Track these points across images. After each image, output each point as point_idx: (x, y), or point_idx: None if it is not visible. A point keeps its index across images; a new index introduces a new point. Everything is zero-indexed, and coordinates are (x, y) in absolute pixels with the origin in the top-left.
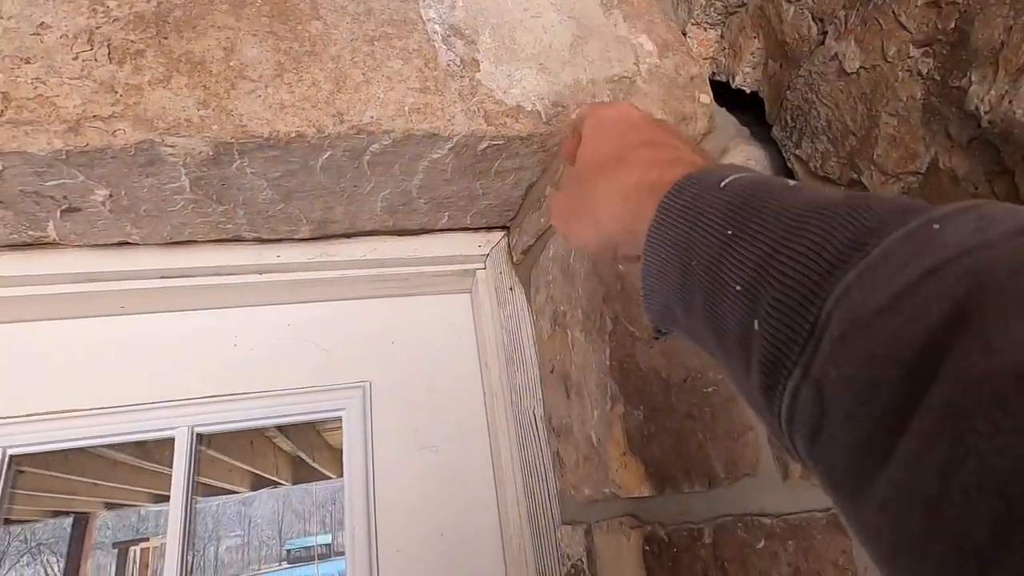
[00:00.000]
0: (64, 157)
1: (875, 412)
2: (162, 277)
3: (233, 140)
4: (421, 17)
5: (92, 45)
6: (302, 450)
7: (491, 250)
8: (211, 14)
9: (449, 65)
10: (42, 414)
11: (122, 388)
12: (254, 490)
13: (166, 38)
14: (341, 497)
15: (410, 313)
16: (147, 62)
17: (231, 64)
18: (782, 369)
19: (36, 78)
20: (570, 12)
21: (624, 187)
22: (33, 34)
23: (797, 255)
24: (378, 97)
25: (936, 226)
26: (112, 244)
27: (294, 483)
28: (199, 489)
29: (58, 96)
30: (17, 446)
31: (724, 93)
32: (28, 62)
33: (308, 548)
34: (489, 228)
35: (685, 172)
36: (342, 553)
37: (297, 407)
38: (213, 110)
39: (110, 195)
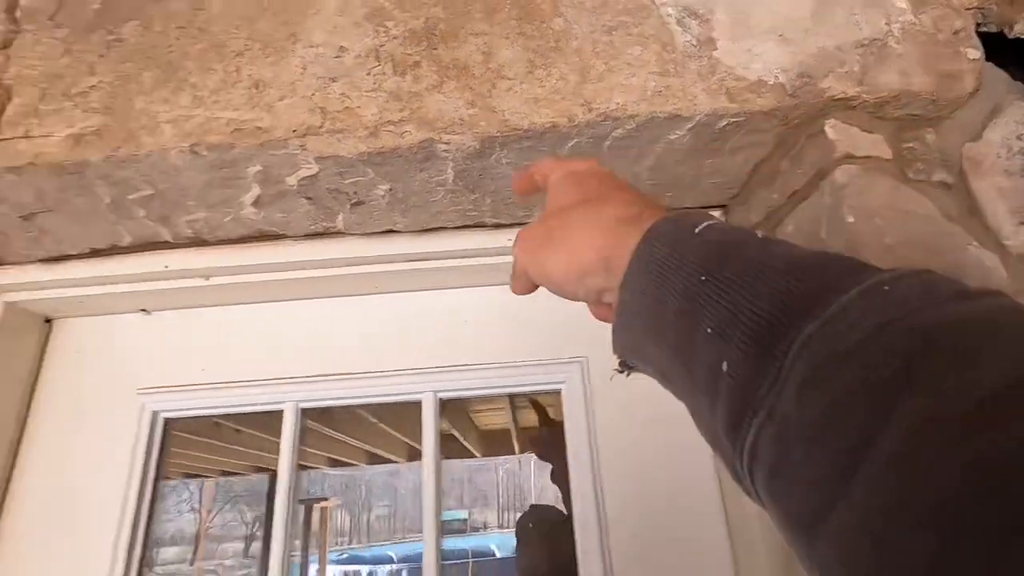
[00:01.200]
0: (365, 158)
1: (830, 454)
2: (416, 260)
3: (498, 134)
4: (654, 2)
5: (379, 61)
6: (456, 429)
7: None
8: (469, 23)
9: (686, 46)
10: (328, 375)
11: (378, 356)
12: (409, 461)
13: (435, 49)
14: (477, 476)
15: None
16: (423, 71)
17: (490, 66)
18: (748, 409)
19: (342, 93)
20: None
21: (605, 218)
22: (335, 57)
23: (765, 304)
24: (621, 84)
25: (886, 287)
26: (380, 232)
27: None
28: (365, 457)
29: (359, 107)
30: (308, 401)
31: (991, 46)
32: (334, 80)
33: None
34: (706, 207)
35: (663, 214)
36: (477, 529)
37: (520, 379)
38: (479, 109)
39: (390, 189)
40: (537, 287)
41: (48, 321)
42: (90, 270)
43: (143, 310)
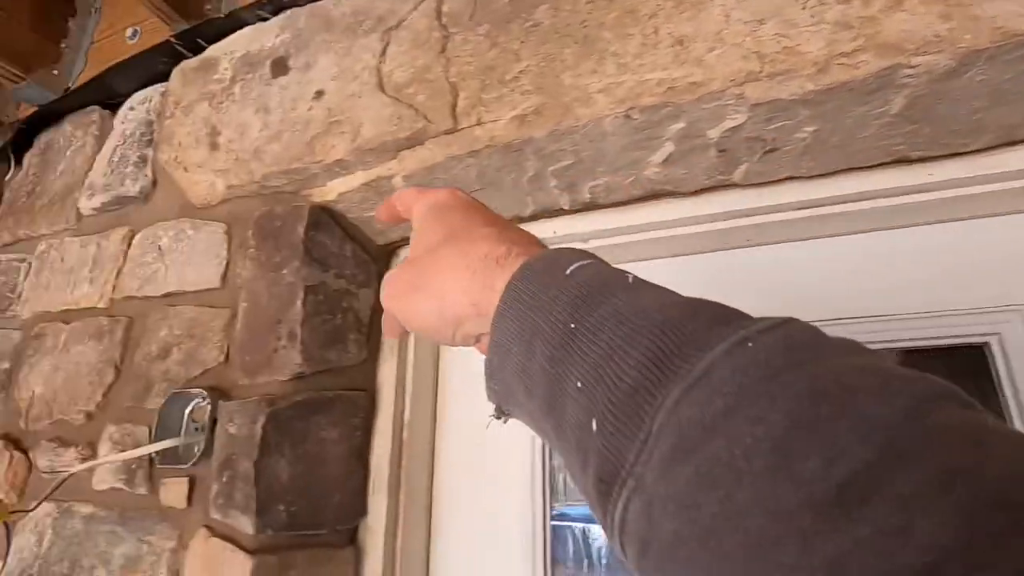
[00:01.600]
0: (810, 97)
1: (698, 533)
2: (820, 205)
3: (990, 45)
4: None
5: None
6: None
7: None
8: None
9: None
10: None
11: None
12: None
13: None
14: None
15: None
16: None
17: None
18: (617, 477)
19: (776, 34)
20: None
21: (472, 259)
22: None
23: (633, 360)
24: None
25: (749, 344)
26: (777, 180)
27: None
28: None
29: (799, 45)
30: None
31: None
32: (763, 22)
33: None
34: None
35: (532, 251)
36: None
37: (928, 331)
38: (958, 20)
39: (816, 131)
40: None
41: None
42: None
43: None
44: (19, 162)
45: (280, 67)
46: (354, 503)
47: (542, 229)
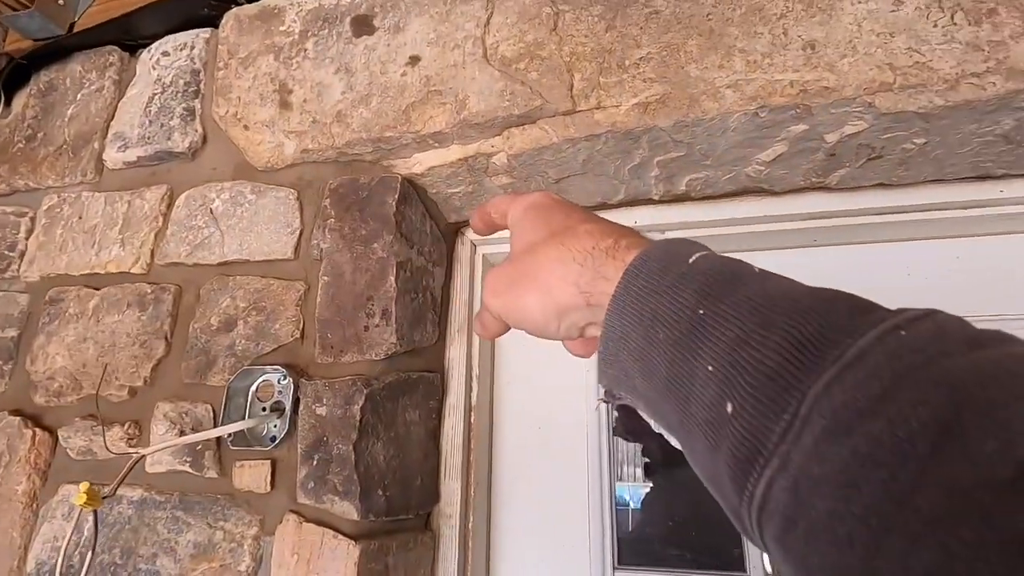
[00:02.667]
0: (937, 112)
1: (857, 511)
2: (895, 212)
3: None
4: None
5: (944, 11)
6: None
7: None
8: None
9: None
10: None
11: None
12: None
13: None
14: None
15: None
16: (1001, 19)
17: None
18: (758, 457)
19: (908, 48)
20: None
21: (579, 250)
22: (891, 11)
23: (772, 344)
24: None
25: (903, 332)
26: (866, 187)
27: None
28: None
29: (931, 61)
30: None
31: None
32: (894, 36)
33: None
34: None
35: (643, 242)
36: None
37: None
38: None
39: (925, 143)
40: (508, 329)
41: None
42: None
43: None
44: (8, 103)
45: (364, 26)
46: (430, 488)
47: (625, 218)
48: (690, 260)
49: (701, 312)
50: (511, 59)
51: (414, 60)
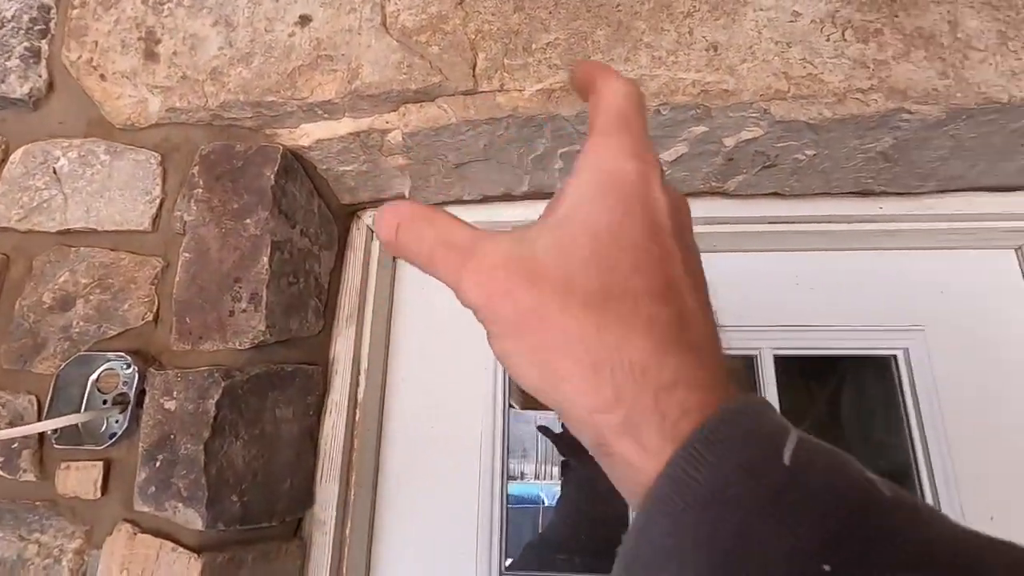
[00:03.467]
0: (826, 124)
1: None
2: (791, 223)
3: (975, 106)
4: None
5: (836, 27)
6: None
7: None
8: None
9: None
10: None
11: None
12: None
13: (896, 16)
14: (516, 428)
15: (955, 266)
16: (885, 39)
17: (958, 36)
18: None
19: (803, 59)
20: None
21: (612, 356)
22: (790, 21)
23: None
24: None
25: None
26: (762, 195)
27: None
28: None
29: (823, 74)
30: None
31: None
32: (791, 46)
33: None
34: None
35: (709, 396)
36: (515, 478)
37: (852, 342)
38: (952, 80)
39: (815, 155)
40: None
41: (395, 259)
42: (467, 215)
43: None
44: None
45: None
46: (303, 491)
47: (528, 211)
48: (784, 458)
49: (827, 569)
50: (412, 30)
51: (304, 20)
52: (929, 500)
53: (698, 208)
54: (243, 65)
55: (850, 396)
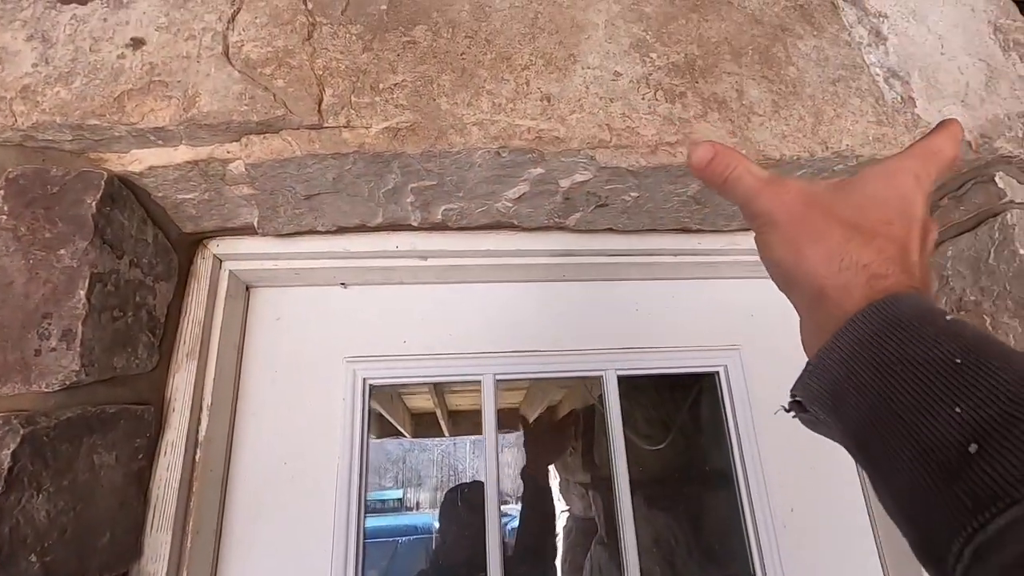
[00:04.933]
0: (640, 171)
1: None
2: (629, 255)
3: (756, 160)
4: (864, 62)
5: (649, 87)
6: (384, 408)
7: None
8: (720, 63)
9: (893, 102)
10: (519, 351)
11: (559, 336)
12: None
13: (696, 82)
14: (411, 457)
15: (762, 293)
16: (688, 101)
17: (743, 103)
18: (997, 498)
19: (623, 114)
20: (978, 55)
21: (847, 254)
22: (612, 80)
23: None
24: (848, 129)
25: None
26: (600, 230)
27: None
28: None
29: (639, 127)
30: (504, 374)
31: None
32: (613, 101)
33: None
34: None
35: (906, 283)
36: (411, 508)
37: (683, 361)
38: (740, 139)
39: (637, 197)
40: (710, 171)
41: (248, 289)
42: (324, 245)
43: (342, 284)
44: None
45: None
46: (126, 543)
47: (386, 243)
48: (947, 318)
49: (958, 361)
50: (256, 62)
51: (137, 43)
52: (743, 496)
53: (545, 241)
54: (62, 85)
55: (687, 409)
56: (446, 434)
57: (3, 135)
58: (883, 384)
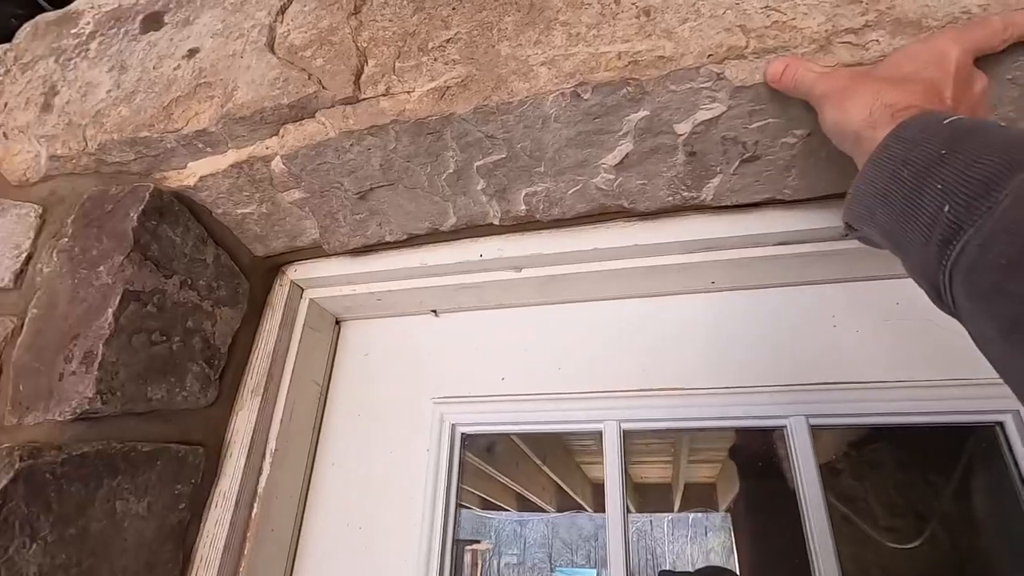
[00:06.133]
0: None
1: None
2: (800, 242)
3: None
4: None
5: None
6: (563, 478)
7: None
8: None
9: None
10: (654, 390)
11: (728, 371)
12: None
13: None
14: (603, 533)
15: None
16: None
17: None
18: (959, 233)
19: (765, 6)
20: None
21: (876, 100)
22: None
23: (995, 160)
24: None
25: None
26: (755, 204)
27: (558, 511)
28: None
29: (794, 19)
30: (631, 420)
31: None
32: None
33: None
34: None
35: (922, 109)
36: None
37: (930, 404)
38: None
39: (809, 134)
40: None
41: (338, 323)
42: (399, 261)
43: (433, 311)
44: None
45: (153, 21)
46: None
47: (467, 251)
48: (945, 121)
49: (943, 152)
50: (299, 47)
51: (192, 52)
52: None
53: (674, 230)
54: (125, 104)
55: (954, 482)
56: (632, 509)
57: (79, 162)
58: (895, 186)
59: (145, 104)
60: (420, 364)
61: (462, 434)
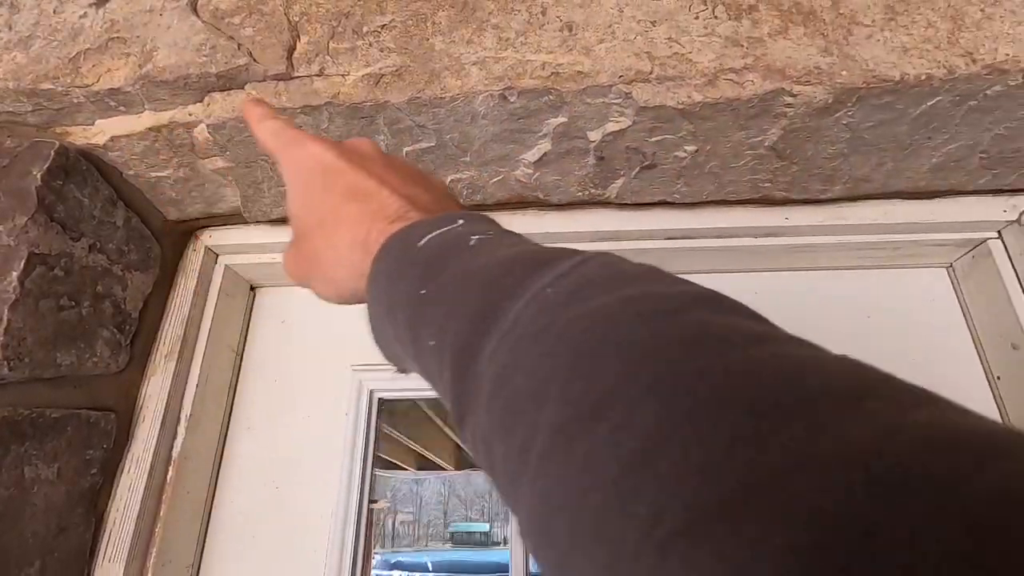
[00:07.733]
0: (695, 110)
1: (509, 451)
2: (687, 238)
3: (863, 85)
4: None
5: (706, 5)
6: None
7: (1021, 216)
8: None
9: None
10: None
11: None
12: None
13: None
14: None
15: (882, 287)
16: (761, 16)
17: (841, 12)
18: (464, 416)
19: (668, 38)
20: None
21: (341, 248)
22: None
23: (466, 318)
24: (1006, 33)
25: (549, 290)
26: (651, 203)
27: (456, 469)
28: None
29: (691, 53)
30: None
31: None
32: (655, 24)
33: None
34: (1015, 192)
35: (391, 229)
36: (498, 543)
37: None
38: (837, 57)
39: (696, 151)
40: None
41: (252, 289)
42: None
43: None
44: None
45: None
46: (69, 574)
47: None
48: (420, 243)
49: (423, 292)
50: (226, 12)
51: (101, 1)
52: None
53: (581, 221)
54: (20, 50)
55: None
56: None
57: None
58: (400, 334)
59: (46, 53)
60: (339, 332)
61: (380, 399)
